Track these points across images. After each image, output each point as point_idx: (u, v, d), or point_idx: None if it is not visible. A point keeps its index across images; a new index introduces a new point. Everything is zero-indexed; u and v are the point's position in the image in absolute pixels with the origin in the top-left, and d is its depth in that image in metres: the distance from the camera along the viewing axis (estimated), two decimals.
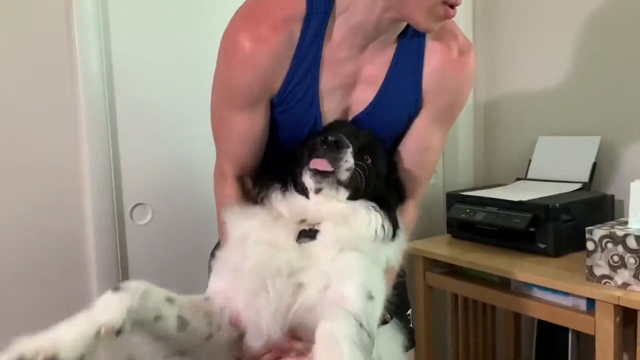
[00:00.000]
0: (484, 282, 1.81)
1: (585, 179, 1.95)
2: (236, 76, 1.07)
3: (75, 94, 1.73)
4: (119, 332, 0.77)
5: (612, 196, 1.88)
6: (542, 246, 1.75)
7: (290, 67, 1.05)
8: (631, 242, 1.42)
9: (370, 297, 0.91)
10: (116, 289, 0.81)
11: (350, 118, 1.13)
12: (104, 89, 1.78)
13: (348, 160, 1.00)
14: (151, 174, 1.90)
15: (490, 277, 1.78)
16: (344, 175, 1.00)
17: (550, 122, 2.17)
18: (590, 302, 1.51)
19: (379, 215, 1.03)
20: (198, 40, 1.95)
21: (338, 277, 0.92)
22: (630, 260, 1.42)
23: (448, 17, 0.99)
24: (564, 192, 1.88)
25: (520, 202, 1.80)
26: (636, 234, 1.41)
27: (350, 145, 1.00)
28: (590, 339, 1.53)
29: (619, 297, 1.42)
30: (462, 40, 1.12)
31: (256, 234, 0.97)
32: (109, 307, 0.79)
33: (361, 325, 0.84)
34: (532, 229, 1.75)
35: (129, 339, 0.79)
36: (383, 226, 1.02)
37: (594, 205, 1.84)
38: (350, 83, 1.10)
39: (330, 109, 1.11)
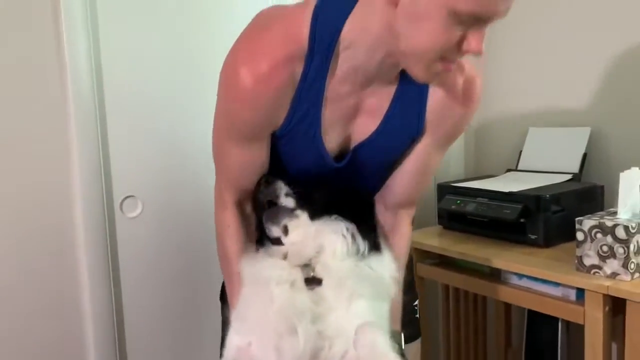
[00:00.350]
0: (474, 272, 1.82)
1: (576, 169, 1.96)
2: (237, 113, 1.05)
3: (64, 85, 1.72)
4: None
5: (602, 187, 1.89)
6: (533, 237, 1.76)
7: (292, 105, 1.04)
8: (620, 233, 1.43)
9: None
10: None
11: (352, 146, 1.13)
12: (92, 81, 1.77)
13: (282, 187, 1.10)
14: (141, 166, 1.89)
15: (481, 268, 1.79)
16: (289, 201, 1.10)
17: (541, 113, 2.17)
18: (580, 292, 1.52)
19: (341, 223, 1.09)
20: (189, 33, 1.94)
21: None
22: (619, 250, 1.43)
23: (447, 71, 0.98)
24: (554, 183, 1.89)
25: (510, 193, 1.81)
26: (625, 224, 1.42)
27: (277, 178, 1.11)
28: (580, 329, 1.54)
29: (608, 286, 1.43)
30: (469, 70, 1.10)
31: (277, 274, 1.02)
32: None
33: None
34: (522, 220, 1.76)
35: None
36: (348, 228, 1.08)
37: (584, 195, 1.85)
38: (352, 114, 1.10)
39: (331, 139, 1.11)
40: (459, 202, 1.94)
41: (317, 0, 0.99)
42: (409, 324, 1.30)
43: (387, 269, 1.11)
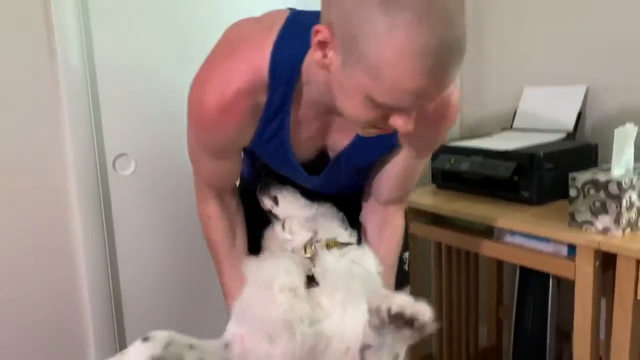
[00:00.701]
0: (467, 230, 1.83)
1: (570, 128, 1.96)
2: (202, 137, 1.09)
3: (52, 45, 1.68)
4: None
5: (596, 145, 1.89)
6: (526, 194, 1.76)
7: (259, 127, 1.05)
8: (613, 188, 1.43)
9: None
10: (145, 339, 0.97)
11: (330, 154, 1.15)
12: (81, 39, 1.73)
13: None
14: (133, 124, 1.88)
15: (474, 226, 1.80)
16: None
17: (537, 72, 2.15)
18: (571, 248, 1.53)
19: (335, 209, 1.22)
20: None
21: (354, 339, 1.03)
22: (612, 205, 1.44)
23: (383, 133, 0.96)
24: (548, 141, 1.89)
25: (504, 151, 1.80)
26: (618, 179, 1.42)
27: None
28: (570, 285, 1.56)
29: (599, 242, 1.44)
30: None
31: (279, 280, 1.07)
32: (134, 354, 0.95)
33: None
34: (515, 178, 1.76)
35: None
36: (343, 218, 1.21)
37: (578, 154, 1.85)
38: (323, 131, 1.10)
39: (305, 153, 1.13)
40: (453, 160, 1.94)
41: (280, 28, 0.98)
42: (398, 275, 1.33)
43: (372, 264, 1.18)
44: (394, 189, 1.22)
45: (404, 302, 0.89)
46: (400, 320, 0.88)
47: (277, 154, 1.11)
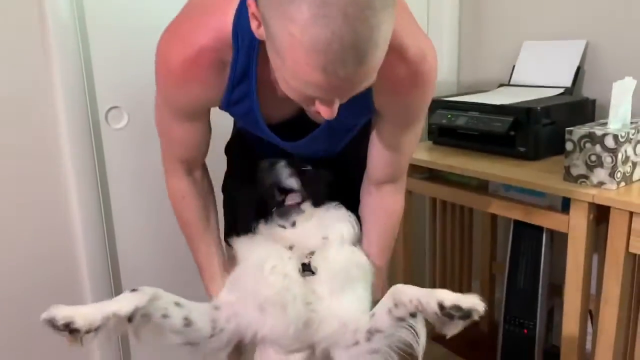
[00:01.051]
0: (463, 185, 1.83)
1: (569, 83, 1.94)
2: (169, 93, 1.08)
3: None
4: (130, 319, 0.99)
5: (594, 100, 1.88)
6: (522, 149, 1.76)
7: (226, 88, 1.04)
8: (609, 142, 1.42)
9: None
10: (133, 290, 1.02)
11: (309, 115, 1.12)
12: None
13: (284, 169, 1.21)
14: (125, 77, 1.84)
15: (469, 181, 1.80)
16: (292, 182, 1.21)
17: (536, 26, 2.11)
18: (566, 202, 1.53)
19: (344, 210, 1.22)
20: None
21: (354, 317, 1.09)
22: (607, 159, 1.43)
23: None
24: (545, 96, 1.87)
25: (501, 106, 1.79)
26: (615, 133, 1.42)
27: (279, 160, 1.22)
28: (563, 240, 1.57)
29: (593, 195, 1.44)
30: (413, 52, 0.96)
31: (271, 263, 1.10)
32: (121, 301, 1.00)
33: None
34: (512, 133, 1.75)
35: (138, 324, 1.02)
36: (351, 216, 1.21)
37: (575, 109, 1.84)
38: None
39: (278, 115, 1.11)
40: (449, 116, 1.92)
41: None
42: None
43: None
44: (383, 167, 1.20)
45: (455, 296, 0.94)
46: (456, 313, 0.93)
47: (248, 118, 1.10)
